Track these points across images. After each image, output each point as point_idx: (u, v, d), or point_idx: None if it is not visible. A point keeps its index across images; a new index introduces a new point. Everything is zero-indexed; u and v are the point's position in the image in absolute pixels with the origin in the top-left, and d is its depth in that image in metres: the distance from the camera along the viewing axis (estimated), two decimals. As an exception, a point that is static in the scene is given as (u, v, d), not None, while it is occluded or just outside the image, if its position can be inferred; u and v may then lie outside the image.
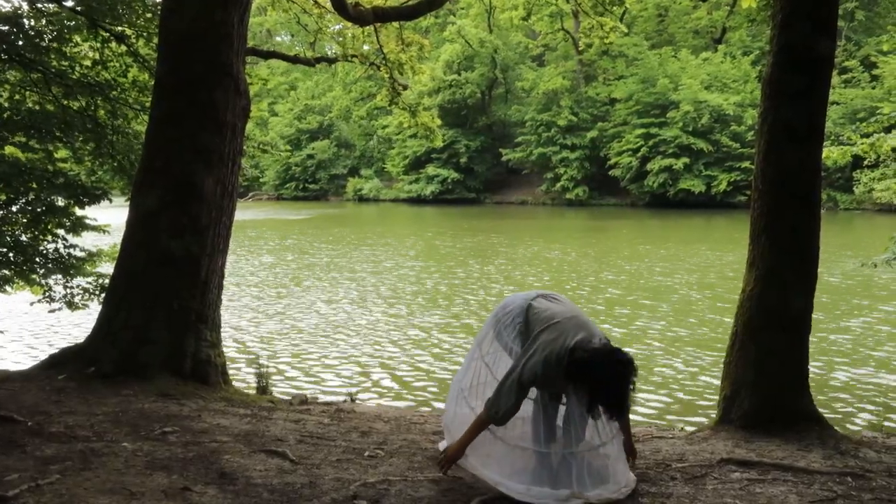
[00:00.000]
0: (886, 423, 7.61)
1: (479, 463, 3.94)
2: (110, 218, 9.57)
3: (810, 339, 5.42)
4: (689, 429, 6.22)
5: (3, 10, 8.52)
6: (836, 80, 35.86)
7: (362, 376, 9.71)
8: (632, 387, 3.77)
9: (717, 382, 6.08)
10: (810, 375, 5.45)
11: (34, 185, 8.45)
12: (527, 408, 4.16)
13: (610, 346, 3.79)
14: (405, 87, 14.95)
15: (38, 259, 8.77)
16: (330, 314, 13.81)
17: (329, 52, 22.83)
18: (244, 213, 40.22)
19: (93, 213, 9.23)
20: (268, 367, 9.13)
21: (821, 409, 5.54)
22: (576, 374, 3.76)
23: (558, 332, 3.88)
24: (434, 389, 9.16)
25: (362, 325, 12.79)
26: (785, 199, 5.29)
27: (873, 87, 41.05)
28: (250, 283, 17.66)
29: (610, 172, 49.33)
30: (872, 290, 15.97)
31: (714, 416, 5.83)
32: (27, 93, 8.94)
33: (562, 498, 3.74)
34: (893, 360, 10.27)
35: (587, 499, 3.76)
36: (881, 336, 11.67)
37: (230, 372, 6.89)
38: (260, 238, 29.59)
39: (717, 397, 5.85)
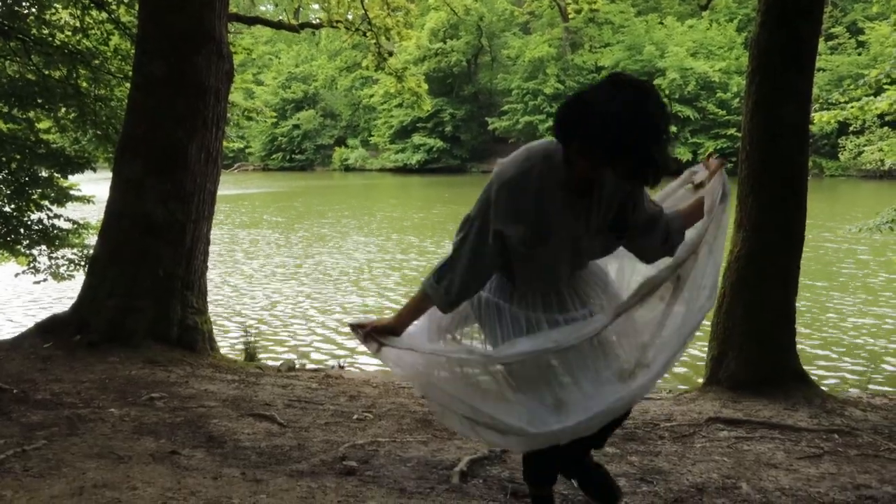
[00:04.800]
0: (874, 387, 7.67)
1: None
2: (96, 190, 9.46)
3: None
4: (682, 386, 6.25)
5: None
6: (822, 46, 35.69)
7: (344, 348, 9.61)
8: (664, 133, 2.22)
9: (701, 352, 6.09)
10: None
11: (17, 156, 8.36)
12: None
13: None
14: (391, 54, 14.78)
15: (22, 230, 8.70)
16: (310, 285, 13.77)
17: (313, 20, 22.58)
18: (229, 188, 39.98)
19: (78, 186, 9.14)
20: (255, 333, 9.11)
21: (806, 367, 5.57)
22: (572, 123, 2.27)
23: None
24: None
25: (345, 301, 12.76)
26: (772, 159, 5.27)
27: (859, 54, 41.00)
28: (226, 255, 17.59)
29: (597, 140, 49.12)
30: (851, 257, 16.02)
31: (701, 379, 5.86)
32: (7, 62, 8.80)
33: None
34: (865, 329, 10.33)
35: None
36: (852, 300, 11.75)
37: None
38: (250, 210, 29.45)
39: (702, 363, 5.87)
